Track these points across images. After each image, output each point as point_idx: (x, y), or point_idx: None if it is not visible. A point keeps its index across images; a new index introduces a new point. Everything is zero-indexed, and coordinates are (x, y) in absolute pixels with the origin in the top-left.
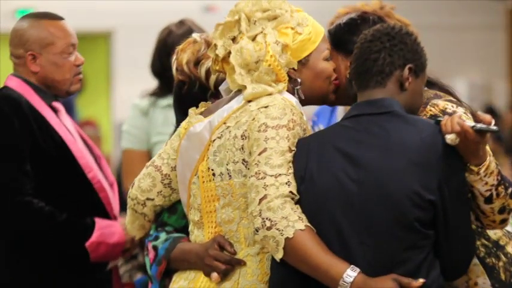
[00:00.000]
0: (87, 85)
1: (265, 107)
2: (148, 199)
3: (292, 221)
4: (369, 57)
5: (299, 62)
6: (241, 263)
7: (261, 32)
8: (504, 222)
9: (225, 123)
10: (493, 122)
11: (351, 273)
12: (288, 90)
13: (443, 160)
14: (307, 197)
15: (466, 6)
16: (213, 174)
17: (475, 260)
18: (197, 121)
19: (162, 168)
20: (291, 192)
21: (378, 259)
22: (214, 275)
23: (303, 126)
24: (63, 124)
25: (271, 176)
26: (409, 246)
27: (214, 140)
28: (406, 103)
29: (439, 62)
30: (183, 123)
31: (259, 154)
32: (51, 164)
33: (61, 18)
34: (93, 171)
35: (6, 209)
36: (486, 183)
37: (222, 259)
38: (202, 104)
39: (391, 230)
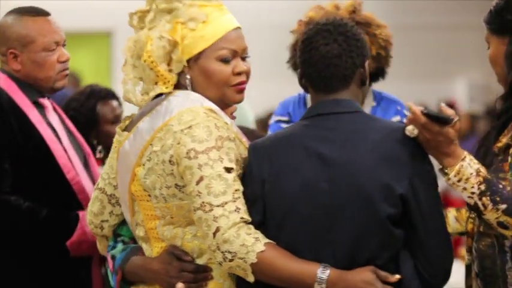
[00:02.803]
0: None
1: (189, 127)
2: (103, 221)
3: (250, 246)
4: (330, 62)
5: (191, 59)
6: (207, 270)
7: (155, 26)
8: None
9: (151, 144)
10: (455, 117)
11: (323, 271)
12: (180, 87)
13: (413, 155)
14: (274, 200)
15: (465, 6)
16: (149, 196)
17: None
18: (125, 138)
19: (105, 189)
20: (241, 218)
21: (348, 257)
22: (180, 285)
23: (231, 136)
24: (46, 122)
25: (218, 206)
26: (378, 244)
27: (144, 164)
28: (362, 96)
29: (439, 62)
30: (115, 140)
31: (197, 184)
32: (28, 163)
33: (46, 14)
34: (72, 172)
35: None
36: (465, 189)
37: (189, 268)
38: (126, 117)
39: (361, 227)
